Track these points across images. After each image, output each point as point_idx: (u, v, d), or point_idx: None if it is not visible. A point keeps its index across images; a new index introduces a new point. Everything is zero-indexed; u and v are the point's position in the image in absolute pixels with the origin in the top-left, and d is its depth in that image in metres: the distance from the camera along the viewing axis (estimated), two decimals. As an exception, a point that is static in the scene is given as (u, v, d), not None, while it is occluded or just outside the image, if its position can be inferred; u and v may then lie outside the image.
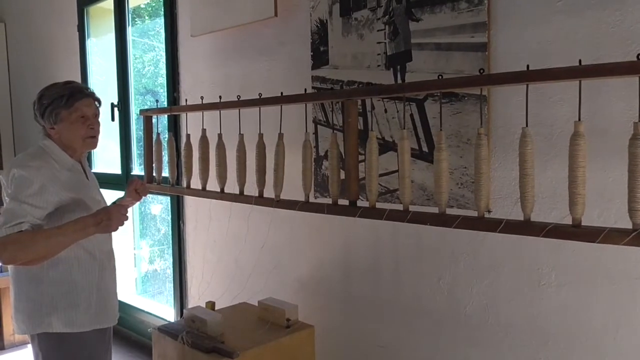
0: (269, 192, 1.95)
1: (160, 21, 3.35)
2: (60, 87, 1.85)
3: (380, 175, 2.07)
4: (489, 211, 1.81)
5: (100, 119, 1.93)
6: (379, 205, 1.68)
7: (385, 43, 2.06)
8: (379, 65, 2.08)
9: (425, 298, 2.05)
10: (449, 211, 1.53)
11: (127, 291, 3.92)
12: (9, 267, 1.86)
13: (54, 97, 1.80)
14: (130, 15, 3.62)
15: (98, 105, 1.92)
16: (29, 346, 1.96)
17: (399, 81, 2.01)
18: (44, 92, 1.84)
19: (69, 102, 1.80)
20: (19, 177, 1.71)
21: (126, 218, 1.79)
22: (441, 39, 1.89)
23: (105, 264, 1.93)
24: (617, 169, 1.56)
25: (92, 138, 1.88)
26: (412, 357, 2.11)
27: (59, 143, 1.84)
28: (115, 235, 1.97)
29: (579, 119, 1.24)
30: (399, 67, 2.02)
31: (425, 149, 1.96)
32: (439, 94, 1.62)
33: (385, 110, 2.06)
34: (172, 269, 3.31)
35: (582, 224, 1.26)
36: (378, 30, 2.07)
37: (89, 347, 1.86)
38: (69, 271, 1.82)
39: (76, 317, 1.82)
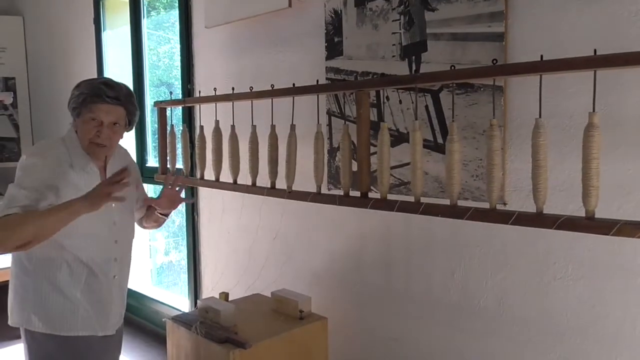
0: (281, 184, 1.95)
1: (175, 13, 3.36)
2: (90, 83, 1.76)
3: (394, 167, 2.05)
4: (505, 204, 1.79)
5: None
6: (392, 197, 1.67)
7: (400, 33, 2.03)
8: (393, 56, 2.06)
9: (438, 291, 2.03)
10: (464, 203, 1.51)
11: (143, 282, 3.96)
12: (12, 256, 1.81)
13: (81, 91, 1.74)
14: (145, 7, 3.63)
15: (133, 113, 1.82)
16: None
17: (414, 72, 1.98)
18: (79, 83, 1.78)
19: (86, 101, 1.72)
20: (27, 164, 1.67)
21: (109, 195, 1.56)
22: (457, 29, 1.86)
23: (96, 271, 1.79)
24: (636, 161, 1.52)
25: (97, 145, 1.74)
26: (425, 350, 2.10)
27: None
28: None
29: (594, 110, 1.22)
30: (414, 57, 2.00)
31: (440, 140, 1.94)
32: (453, 85, 1.60)
33: (400, 102, 2.04)
34: (186, 260, 3.34)
35: (598, 216, 1.24)
36: (393, 21, 2.05)
37: (74, 352, 1.78)
38: (55, 273, 1.73)
39: (56, 319, 1.74)
